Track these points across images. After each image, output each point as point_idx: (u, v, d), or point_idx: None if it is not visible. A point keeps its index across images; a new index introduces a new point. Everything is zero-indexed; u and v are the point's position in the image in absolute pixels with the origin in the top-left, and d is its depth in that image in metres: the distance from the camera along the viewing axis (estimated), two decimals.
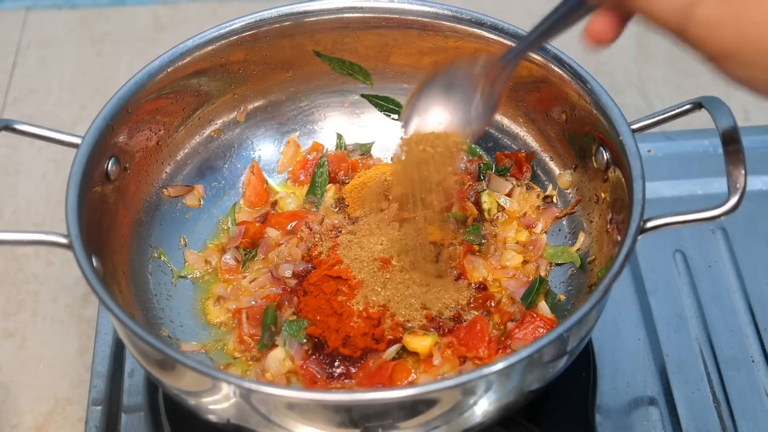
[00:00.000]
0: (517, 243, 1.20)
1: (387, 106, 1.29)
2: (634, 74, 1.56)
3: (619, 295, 1.24)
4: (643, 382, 1.17)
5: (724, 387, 1.16)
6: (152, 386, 1.15)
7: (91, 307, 1.27)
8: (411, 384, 1.05)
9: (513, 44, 1.16)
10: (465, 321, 1.11)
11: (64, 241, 0.99)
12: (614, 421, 1.13)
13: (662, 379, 1.17)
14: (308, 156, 1.28)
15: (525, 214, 1.22)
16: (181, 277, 1.18)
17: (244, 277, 1.17)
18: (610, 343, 1.19)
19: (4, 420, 1.17)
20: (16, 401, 1.19)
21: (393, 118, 1.29)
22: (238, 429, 0.96)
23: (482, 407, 0.95)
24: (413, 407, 0.91)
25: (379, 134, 1.30)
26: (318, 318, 1.09)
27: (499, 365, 0.89)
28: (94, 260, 1.01)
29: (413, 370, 1.07)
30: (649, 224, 0.99)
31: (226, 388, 0.91)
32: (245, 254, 1.19)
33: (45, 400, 1.19)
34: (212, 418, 0.98)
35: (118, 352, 1.18)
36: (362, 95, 1.29)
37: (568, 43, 1.56)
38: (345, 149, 1.29)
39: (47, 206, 1.38)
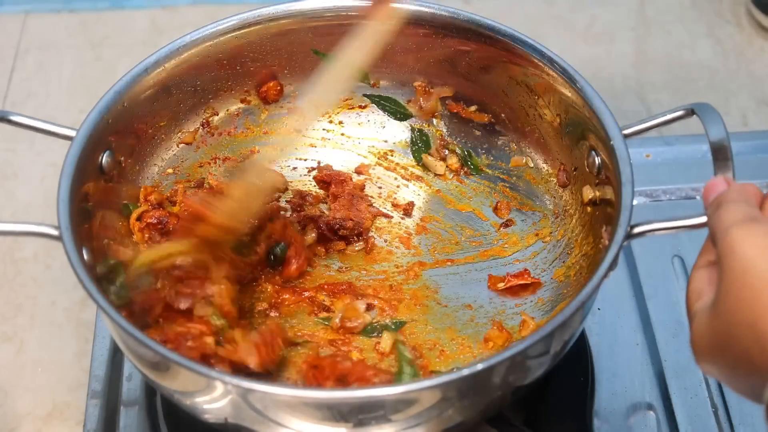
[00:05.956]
0: None
1: (389, 106, 1.29)
2: (632, 79, 1.56)
3: (617, 299, 1.24)
4: (641, 387, 1.16)
5: (722, 392, 1.15)
6: (150, 389, 1.15)
7: (89, 311, 1.27)
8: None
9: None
10: None
11: (54, 232, 0.99)
12: (612, 425, 1.13)
13: (660, 384, 1.17)
14: None
15: None
16: None
17: None
18: (608, 347, 1.19)
19: (2, 424, 1.17)
20: (14, 405, 1.19)
21: (391, 118, 1.30)
22: (236, 428, 0.96)
23: (466, 404, 0.95)
24: (401, 403, 0.91)
25: (376, 133, 1.30)
26: None
27: (479, 366, 0.88)
28: (84, 253, 1.01)
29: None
30: (636, 230, 0.98)
31: (220, 387, 0.90)
32: None
33: (43, 404, 1.19)
34: (209, 418, 0.98)
35: (116, 355, 1.18)
36: (364, 95, 1.29)
37: (566, 46, 1.57)
38: None
39: (46, 210, 1.38)
